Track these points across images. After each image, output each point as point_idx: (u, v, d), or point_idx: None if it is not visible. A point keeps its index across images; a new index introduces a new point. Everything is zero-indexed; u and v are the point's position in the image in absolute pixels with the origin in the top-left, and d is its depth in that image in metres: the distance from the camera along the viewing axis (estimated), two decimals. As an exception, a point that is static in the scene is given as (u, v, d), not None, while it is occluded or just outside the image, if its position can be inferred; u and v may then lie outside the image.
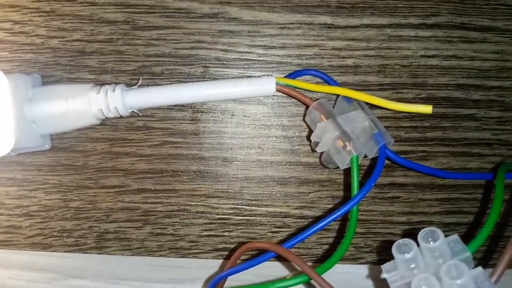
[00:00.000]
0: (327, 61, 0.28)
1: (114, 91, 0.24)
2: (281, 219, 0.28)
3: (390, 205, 0.29)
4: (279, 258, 0.25)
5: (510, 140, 0.29)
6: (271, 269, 0.28)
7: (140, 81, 0.26)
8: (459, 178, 0.28)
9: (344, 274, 0.29)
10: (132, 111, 0.25)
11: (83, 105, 0.24)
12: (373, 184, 0.24)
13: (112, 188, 0.28)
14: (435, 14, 0.28)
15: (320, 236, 0.29)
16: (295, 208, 0.28)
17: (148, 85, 0.27)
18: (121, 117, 0.25)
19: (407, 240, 0.21)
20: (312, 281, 0.22)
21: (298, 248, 0.29)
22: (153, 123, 0.27)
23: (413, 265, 0.21)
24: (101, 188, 0.27)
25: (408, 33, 0.28)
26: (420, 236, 0.21)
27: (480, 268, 0.20)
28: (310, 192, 0.28)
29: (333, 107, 0.27)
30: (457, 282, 0.19)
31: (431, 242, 0.20)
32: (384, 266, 0.22)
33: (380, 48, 0.28)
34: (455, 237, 0.21)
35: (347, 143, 0.24)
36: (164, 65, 0.27)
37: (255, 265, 0.24)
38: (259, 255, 0.24)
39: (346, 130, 0.25)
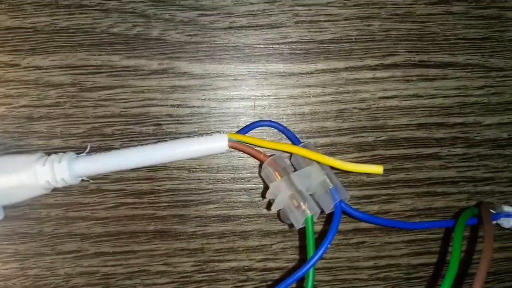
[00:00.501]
0: (282, 110, 0.27)
1: (60, 162, 0.24)
2: (244, 272, 0.28)
3: (355, 251, 0.29)
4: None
5: (476, 176, 0.29)
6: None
7: (88, 148, 0.25)
8: (418, 228, 0.28)
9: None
10: (82, 179, 0.25)
11: (29, 178, 0.24)
12: (329, 245, 0.23)
13: (70, 253, 0.27)
14: (393, 54, 0.27)
15: (285, 287, 0.28)
16: (258, 261, 0.28)
17: (99, 147, 0.26)
18: (70, 185, 0.25)
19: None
20: None
21: (265, 301, 0.28)
22: (107, 185, 0.27)
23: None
24: (58, 254, 0.27)
25: (365, 75, 0.27)
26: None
27: None
28: (273, 244, 0.28)
29: (290, 158, 0.27)
30: None
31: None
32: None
33: (337, 93, 0.27)
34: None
35: (301, 203, 0.24)
36: (115, 125, 0.26)
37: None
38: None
39: (301, 188, 0.24)
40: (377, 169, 0.23)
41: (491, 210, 0.27)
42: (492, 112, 0.28)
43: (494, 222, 0.27)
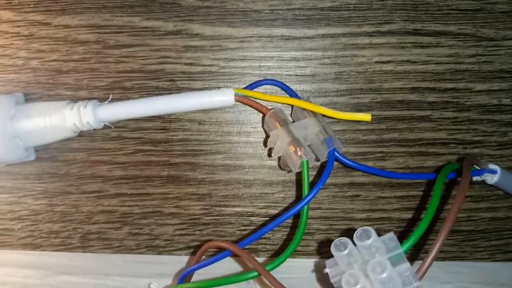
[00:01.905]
0: (285, 71, 0.30)
1: (85, 107, 0.27)
2: (248, 218, 0.31)
3: (350, 203, 0.31)
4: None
5: (466, 139, 0.31)
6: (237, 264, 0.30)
7: (110, 97, 0.28)
8: (402, 178, 0.30)
9: (307, 267, 0.31)
10: (105, 124, 0.28)
11: (58, 120, 0.27)
12: (322, 186, 0.26)
13: (92, 193, 0.30)
14: (389, 22, 0.30)
15: (284, 233, 0.31)
16: (261, 208, 0.31)
17: (120, 99, 0.29)
18: (94, 129, 0.28)
19: (343, 239, 0.23)
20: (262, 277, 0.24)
21: (265, 244, 0.31)
22: (126, 133, 0.30)
23: (352, 260, 0.23)
24: (82, 194, 0.30)
25: (363, 41, 0.30)
26: (355, 235, 0.23)
27: (407, 264, 0.22)
28: (274, 193, 0.31)
29: (291, 113, 0.29)
30: (382, 276, 0.21)
31: (366, 241, 0.22)
32: (327, 262, 0.24)
33: (336, 57, 0.30)
34: (391, 235, 0.23)
35: (298, 149, 0.26)
36: (134, 80, 0.29)
37: (215, 261, 0.26)
38: (220, 252, 0.27)
39: (298, 137, 0.27)
40: (365, 116, 0.26)
41: (475, 166, 0.29)
42: (482, 79, 0.30)
43: (479, 178, 0.29)
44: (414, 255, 0.31)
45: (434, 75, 0.30)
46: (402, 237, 0.31)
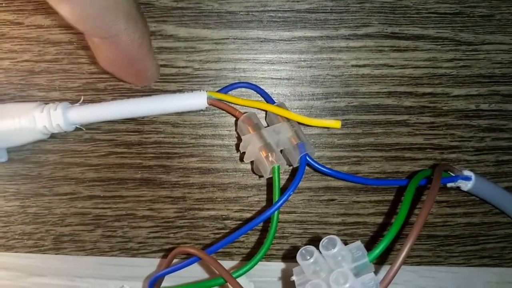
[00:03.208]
0: (260, 73, 0.29)
1: (55, 109, 0.27)
2: (222, 221, 0.31)
3: (325, 207, 0.31)
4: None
5: (443, 144, 0.31)
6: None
7: (82, 99, 0.28)
8: (373, 184, 0.30)
9: (280, 271, 0.31)
10: (76, 126, 0.28)
11: (29, 123, 0.27)
12: (292, 192, 0.25)
13: (65, 195, 0.30)
14: (366, 25, 0.29)
15: (260, 236, 0.31)
16: (235, 211, 0.31)
17: (93, 101, 0.29)
18: (65, 132, 0.27)
19: (309, 247, 0.23)
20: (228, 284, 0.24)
21: (239, 247, 0.31)
22: (99, 135, 0.30)
23: (318, 268, 0.23)
24: (55, 195, 0.30)
25: (339, 44, 0.29)
26: (321, 244, 0.22)
27: (371, 274, 0.22)
28: (249, 196, 0.30)
29: (265, 117, 0.29)
30: (344, 287, 0.21)
31: (331, 249, 0.22)
32: (294, 269, 0.24)
33: (312, 60, 0.29)
34: (358, 243, 0.23)
35: (269, 154, 0.26)
36: (107, 81, 0.29)
37: (184, 266, 0.26)
38: (190, 257, 0.26)
39: (270, 142, 0.26)
40: (335, 123, 0.26)
41: (450, 172, 0.29)
42: (460, 84, 0.30)
43: (453, 184, 0.29)
44: (384, 258, 0.30)
45: (411, 79, 0.30)
46: (376, 242, 0.31)
